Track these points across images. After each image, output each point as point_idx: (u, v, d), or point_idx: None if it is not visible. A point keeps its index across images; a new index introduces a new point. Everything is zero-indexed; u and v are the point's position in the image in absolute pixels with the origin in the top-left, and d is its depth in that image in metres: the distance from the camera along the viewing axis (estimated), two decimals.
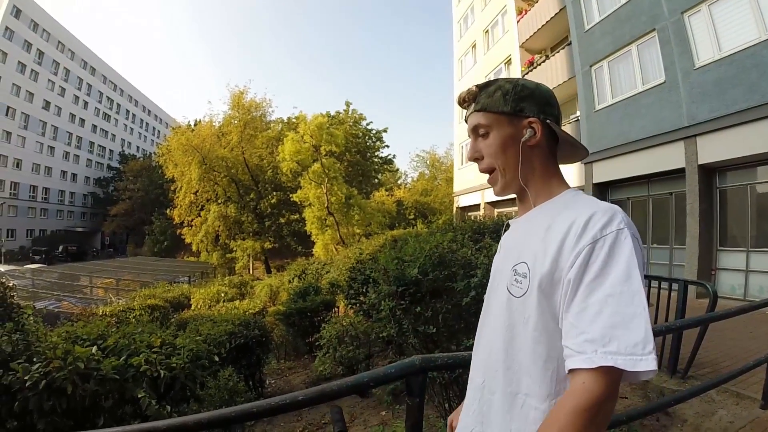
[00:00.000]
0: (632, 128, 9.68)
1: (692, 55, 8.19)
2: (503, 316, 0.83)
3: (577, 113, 12.34)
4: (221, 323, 5.28)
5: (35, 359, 2.49)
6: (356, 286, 6.48)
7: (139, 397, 2.59)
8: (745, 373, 2.68)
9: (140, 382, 2.73)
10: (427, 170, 41.55)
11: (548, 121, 0.86)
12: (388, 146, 35.15)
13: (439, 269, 3.28)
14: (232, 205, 27.13)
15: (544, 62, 14.09)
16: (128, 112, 58.55)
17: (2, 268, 20.01)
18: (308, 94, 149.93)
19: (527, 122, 0.86)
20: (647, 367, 0.63)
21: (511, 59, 16.39)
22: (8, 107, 37.57)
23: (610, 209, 0.74)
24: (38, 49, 41.00)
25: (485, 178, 0.93)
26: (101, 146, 52.90)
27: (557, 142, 0.91)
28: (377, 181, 33.80)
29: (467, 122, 0.94)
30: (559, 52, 13.27)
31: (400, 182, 41.93)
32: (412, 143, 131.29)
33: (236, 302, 12.35)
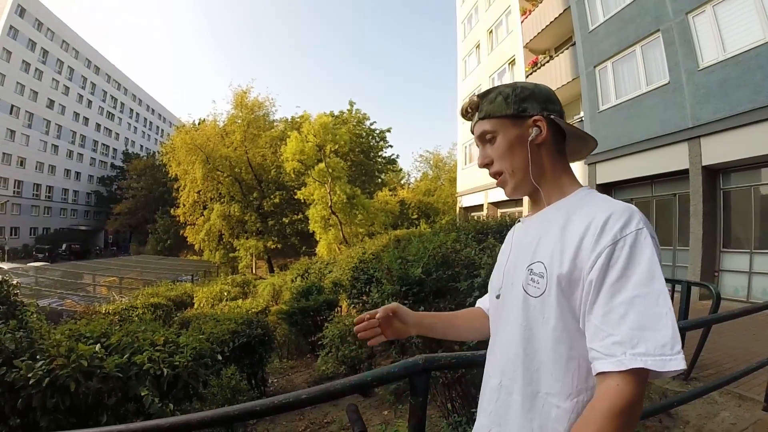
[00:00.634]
0: (636, 129, 9.64)
1: (697, 55, 8.15)
2: (520, 316, 0.82)
3: (581, 114, 12.30)
4: (224, 322, 5.30)
5: (39, 357, 2.50)
6: (359, 285, 6.46)
7: (142, 395, 2.60)
8: (747, 374, 2.66)
9: (143, 380, 2.73)
10: (430, 170, 41.44)
11: (552, 116, 0.87)
12: (391, 146, 35.21)
13: (442, 269, 3.29)
14: (235, 204, 27.09)
15: (548, 63, 14.06)
16: (132, 110, 58.75)
17: (6, 266, 20.10)
18: (311, 93, 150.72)
19: (532, 121, 0.86)
20: (677, 366, 0.64)
21: (515, 59, 16.35)
22: (12, 106, 37.72)
23: (627, 209, 0.74)
24: (42, 48, 41.14)
25: (488, 178, 0.93)
26: (105, 145, 53.06)
27: (564, 138, 0.91)
28: (380, 180, 33.71)
29: (473, 133, 0.94)
30: (563, 52, 13.24)
31: (403, 182, 41.82)
32: (415, 143, 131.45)
33: (239, 301, 12.41)
